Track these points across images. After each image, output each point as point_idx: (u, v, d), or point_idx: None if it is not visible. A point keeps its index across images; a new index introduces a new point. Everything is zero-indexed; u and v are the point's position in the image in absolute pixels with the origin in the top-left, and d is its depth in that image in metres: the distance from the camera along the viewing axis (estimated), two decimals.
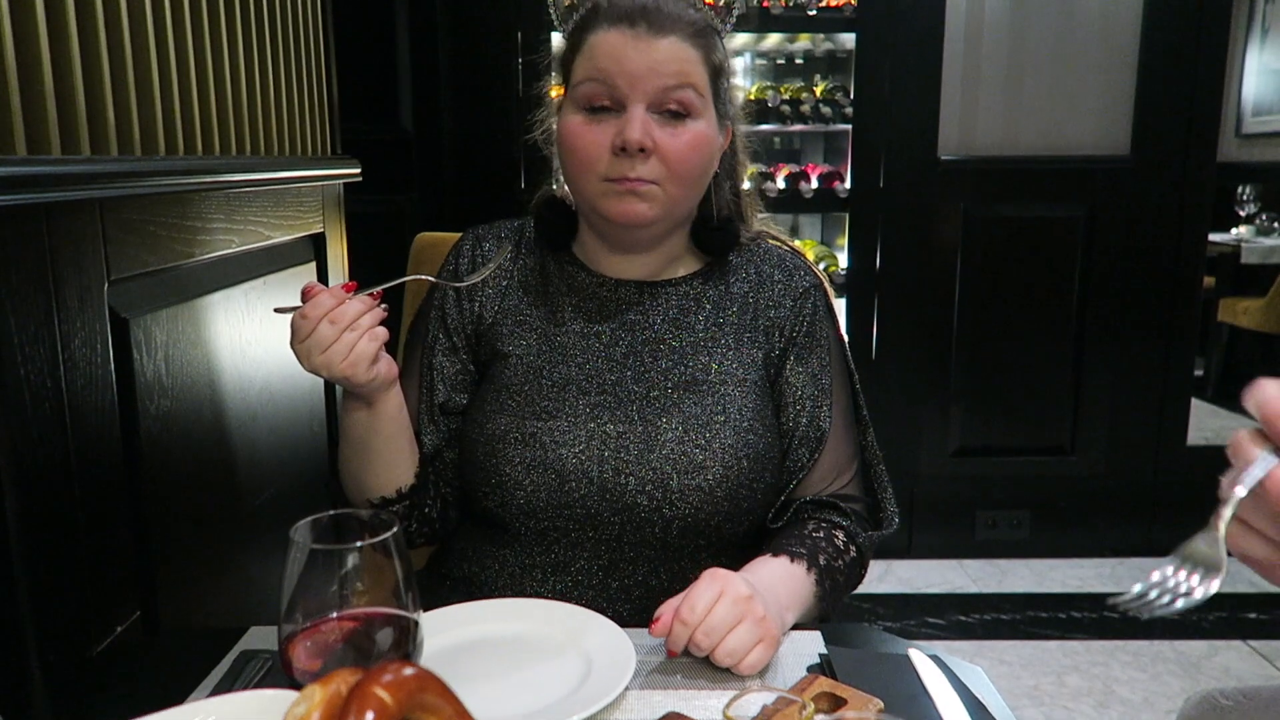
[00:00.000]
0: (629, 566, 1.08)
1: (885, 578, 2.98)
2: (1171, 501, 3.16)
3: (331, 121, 1.82)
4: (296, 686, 0.65)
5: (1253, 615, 2.75)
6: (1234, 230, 4.83)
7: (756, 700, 0.74)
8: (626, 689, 0.84)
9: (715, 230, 1.14)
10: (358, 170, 1.83)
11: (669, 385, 1.10)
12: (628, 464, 1.05)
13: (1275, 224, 4.79)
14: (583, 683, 0.85)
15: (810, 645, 0.94)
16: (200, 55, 1.31)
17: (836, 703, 0.79)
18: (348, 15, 2.19)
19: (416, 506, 1.10)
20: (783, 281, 1.17)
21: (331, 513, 0.72)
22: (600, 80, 1.01)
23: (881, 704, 0.79)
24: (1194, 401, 3.27)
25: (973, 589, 2.96)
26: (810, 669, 0.89)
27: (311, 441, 1.69)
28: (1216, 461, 0.63)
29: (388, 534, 0.68)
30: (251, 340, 1.43)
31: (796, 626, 0.99)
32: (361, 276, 2.08)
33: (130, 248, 1.09)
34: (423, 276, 1.06)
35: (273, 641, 0.92)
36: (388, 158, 2.97)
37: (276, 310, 0.96)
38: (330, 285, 0.94)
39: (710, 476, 1.05)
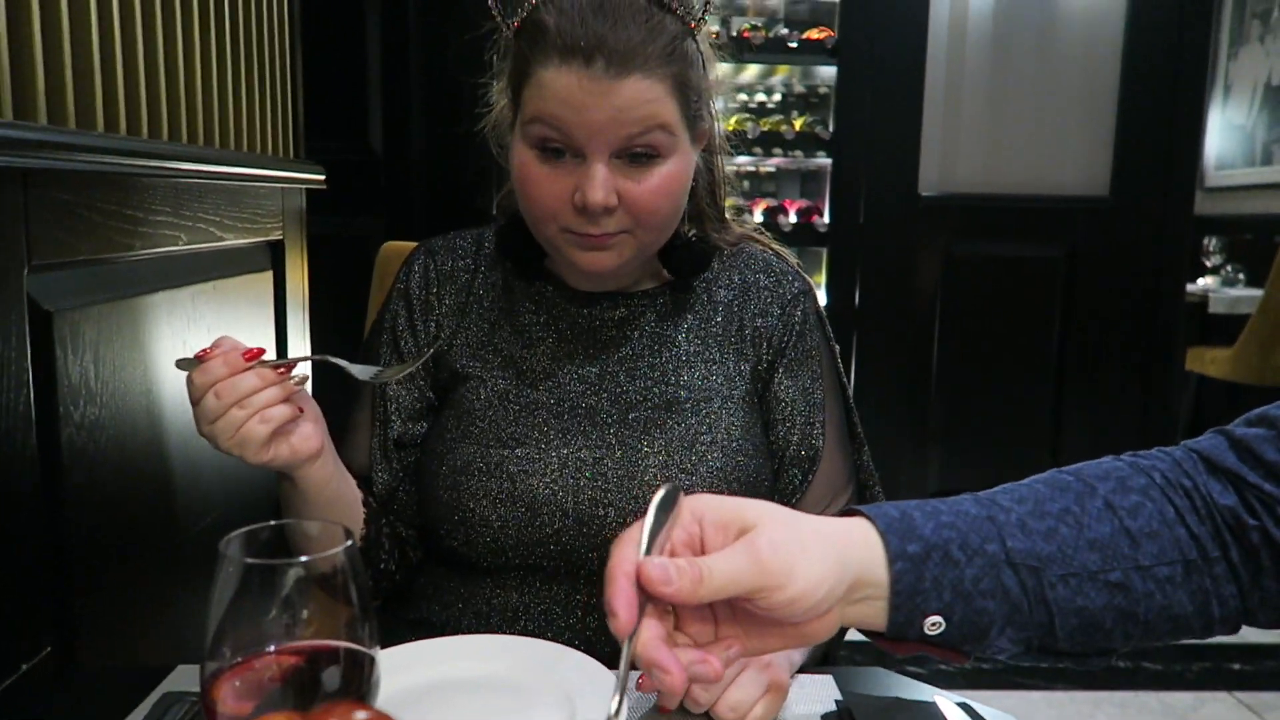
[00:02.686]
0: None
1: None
2: None
3: (295, 124, 1.71)
4: None
5: (1237, 666, 2.68)
6: (1201, 280, 4.86)
7: None
8: None
9: (680, 248, 1.02)
10: (322, 177, 1.72)
11: (649, 405, 0.99)
12: (606, 493, 0.95)
13: (1240, 275, 4.84)
14: None
15: (822, 690, 0.83)
16: (150, 31, 1.20)
17: None
18: (318, 31, 2.10)
19: (370, 565, 0.98)
20: (770, 288, 1.07)
21: (273, 523, 0.60)
22: (553, 127, 0.88)
23: None
24: None
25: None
26: (826, 717, 0.78)
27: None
28: None
29: (339, 548, 0.56)
30: (198, 349, 1.31)
31: (801, 669, 0.88)
32: (324, 298, 1.97)
33: (58, 231, 0.97)
34: (330, 358, 0.87)
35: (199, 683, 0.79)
36: (355, 178, 2.86)
37: (178, 364, 0.83)
38: (236, 345, 0.81)
39: None
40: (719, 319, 1.05)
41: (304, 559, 0.56)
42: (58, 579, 0.98)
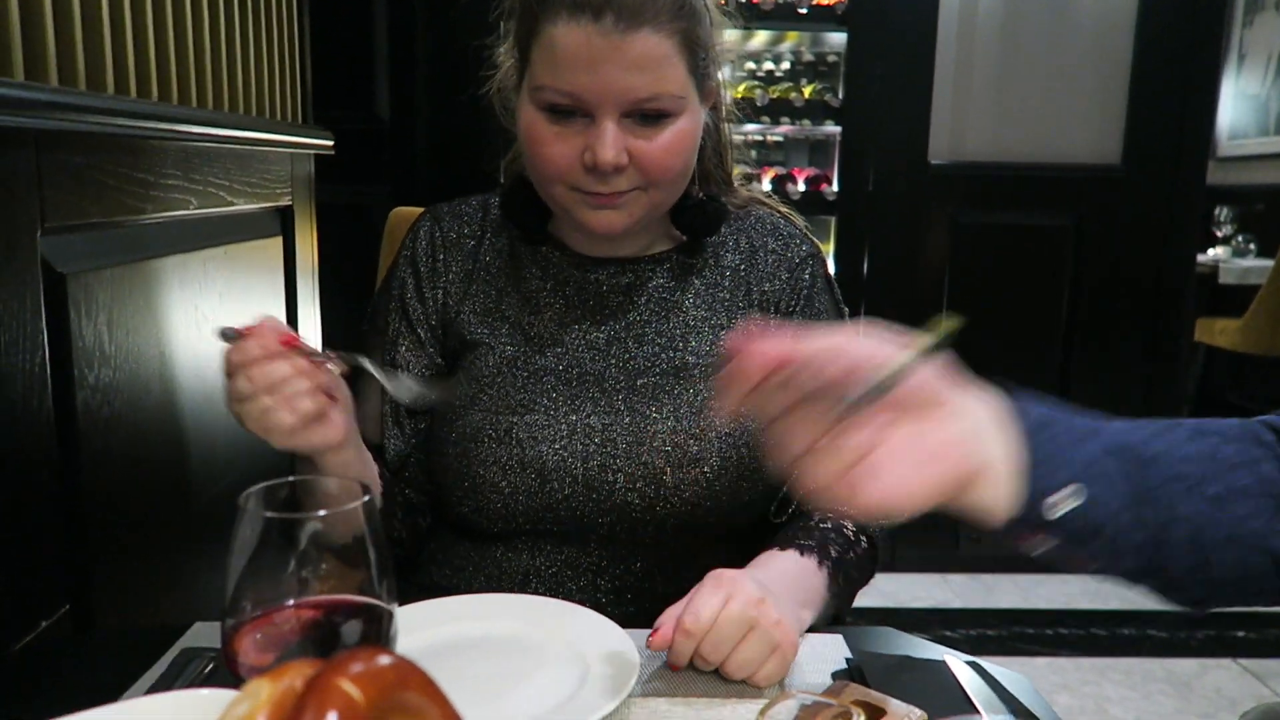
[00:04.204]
0: (620, 567, 0.98)
1: (867, 591, 2.87)
2: None
3: (303, 90, 1.70)
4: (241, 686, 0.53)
5: (1241, 634, 2.69)
6: (1211, 251, 4.83)
7: (788, 707, 0.64)
8: (629, 697, 0.73)
9: (693, 208, 1.01)
10: (330, 143, 1.71)
11: (657, 372, 0.99)
12: (615, 459, 0.95)
13: (1251, 245, 4.80)
14: (579, 689, 0.74)
15: (832, 650, 0.84)
16: None
17: (874, 713, 0.69)
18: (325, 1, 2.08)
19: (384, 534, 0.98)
20: (777, 251, 1.06)
21: (292, 479, 0.61)
22: (562, 92, 0.87)
23: (924, 714, 0.69)
24: None
25: (957, 604, 2.87)
26: (836, 675, 0.79)
27: None
28: None
29: (357, 502, 0.57)
30: (210, 314, 1.31)
31: (811, 628, 0.89)
32: (332, 266, 1.97)
33: (70, 194, 0.97)
34: (368, 364, 0.84)
35: (218, 639, 0.80)
36: (362, 147, 2.85)
37: (220, 333, 0.80)
38: (277, 328, 0.78)
39: (707, 469, 0.95)
40: (726, 284, 1.04)
41: (322, 513, 0.56)
42: (74, 539, 0.99)
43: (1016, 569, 3.07)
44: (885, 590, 2.89)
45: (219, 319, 1.33)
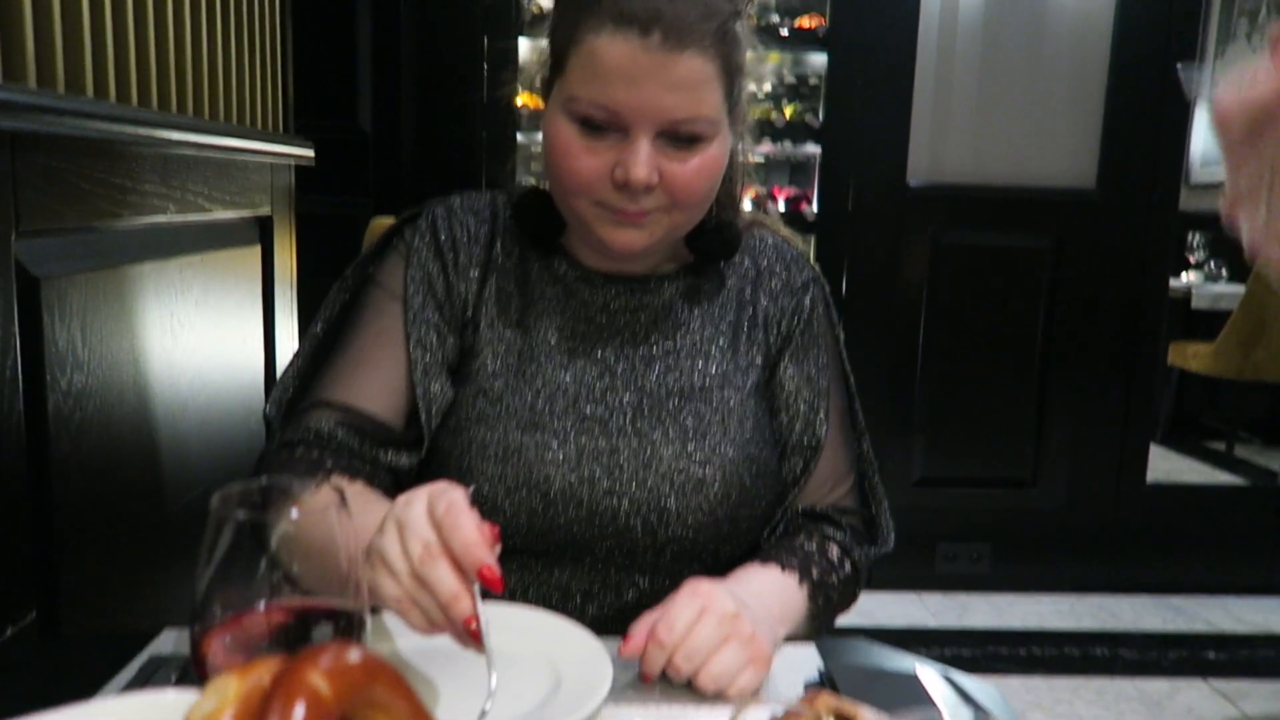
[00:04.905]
0: (611, 593, 0.96)
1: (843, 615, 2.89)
2: (1132, 539, 3.12)
3: (284, 99, 1.70)
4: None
5: (1212, 655, 2.71)
6: (1184, 276, 4.90)
7: (758, 715, 0.64)
8: (600, 706, 0.73)
9: (711, 232, 1.00)
10: (311, 153, 1.71)
11: (664, 393, 0.97)
12: (620, 483, 0.93)
13: (1223, 271, 4.88)
14: (551, 696, 0.73)
15: (805, 660, 0.84)
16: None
17: None
18: (309, 11, 2.08)
19: None
20: (781, 275, 1.06)
21: (264, 480, 0.60)
22: (599, 105, 0.85)
23: None
24: None
25: (932, 623, 2.88)
26: (809, 685, 0.79)
27: (249, 441, 1.55)
28: (1177, 500, 0.60)
29: (330, 504, 0.57)
30: (185, 322, 1.30)
31: (785, 639, 0.89)
32: (311, 278, 1.94)
33: (45, 198, 0.97)
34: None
35: (186, 647, 0.79)
36: (344, 158, 2.84)
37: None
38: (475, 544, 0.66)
39: (711, 495, 0.94)
40: (732, 305, 1.03)
41: (294, 514, 0.56)
42: (43, 544, 0.98)
43: (991, 589, 3.09)
44: (861, 609, 2.88)
45: (195, 326, 1.32)
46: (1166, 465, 4.11)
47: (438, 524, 0.67)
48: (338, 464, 0.89)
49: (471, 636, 0.65)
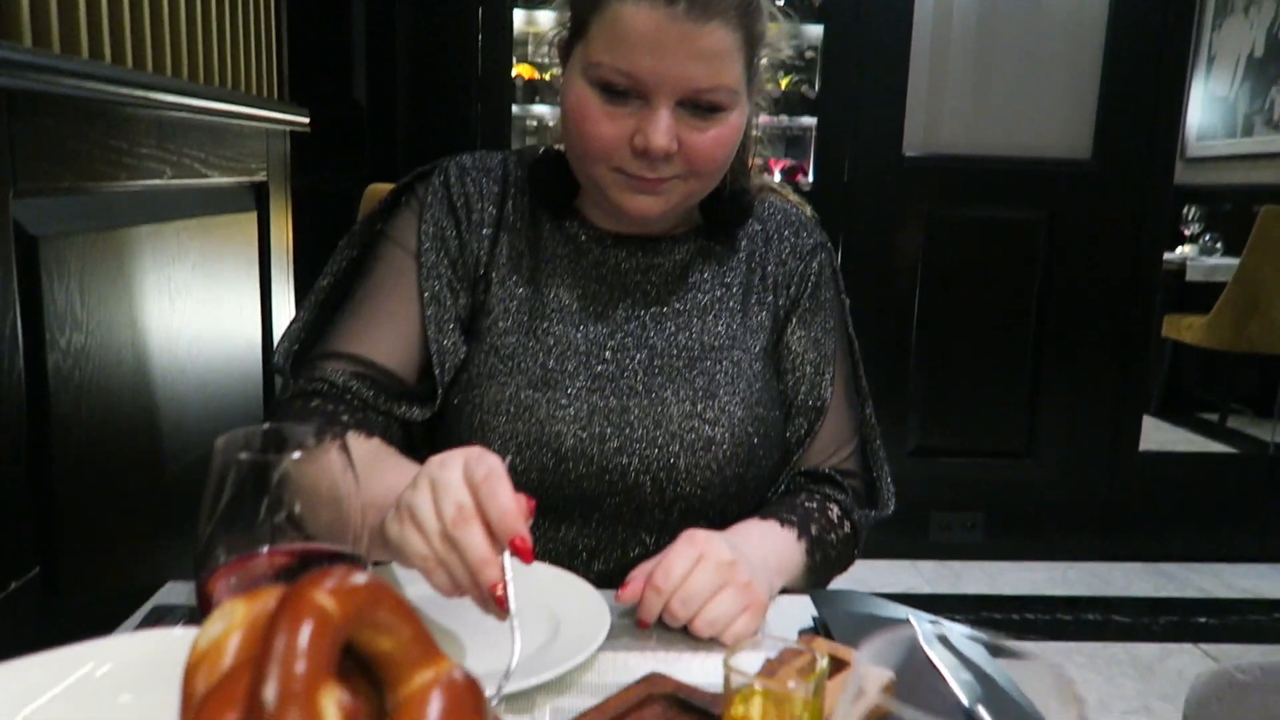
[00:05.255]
0: (618, 550, 0.97)
1: (839, 578, 2.92)
2: (1125, 507, 3.15)
3: (279, 66, 1.70)
4: None
5: (1203, 620, 2.74)
6: (1179, 249, 4.91)
7: (754, 655, 0.65)
8: (599, 651, 0.74)
9: (726, 200, 1.01)
10: (306, 119, 1.71)
11: (674, 352, 0.98)
12: (631, 442, 0.94)
13: (1218, 244, 4.89)
14: (550, 642, 0.75)
15: (799, 610, 0.85)
16: None
17: (839, 666, 0.70)
18: None
19: None
20: (790, 239, 1.06)
21: (266, 426, 0.61)
22: (622, 72, 0.85)
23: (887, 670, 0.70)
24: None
25: (926, 590, 2.91)
26: (803, 633, 0.80)
27: (245, 406, 1.56)
28: (1170, 469, 0.60)
29: (333, 446, 0.58)
30: (183, 287, 1.30)
31: (781, 591, 0.90)
32: (306, 251, 1.94)
33: (43, 158, 0.97)
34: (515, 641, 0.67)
35: (191, 598, 0.81)
36: (339, 133, 2.83)
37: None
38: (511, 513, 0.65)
39: (720, 454, 0.95)
40: (742, 268, 1.04)
41: (296, 455, 0.57)
42: (44, 502, 0.98)
43: (985, 557, 3.12)
44: (856, 576, 2.88)
45: (192, 292, 1.32)
46: (1160, 436, 4.14)
47: (474, 488, 0.66)
48: (353, 417, 0.89)
49: (498, 604, 0.66)
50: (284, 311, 1.72)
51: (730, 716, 0.59)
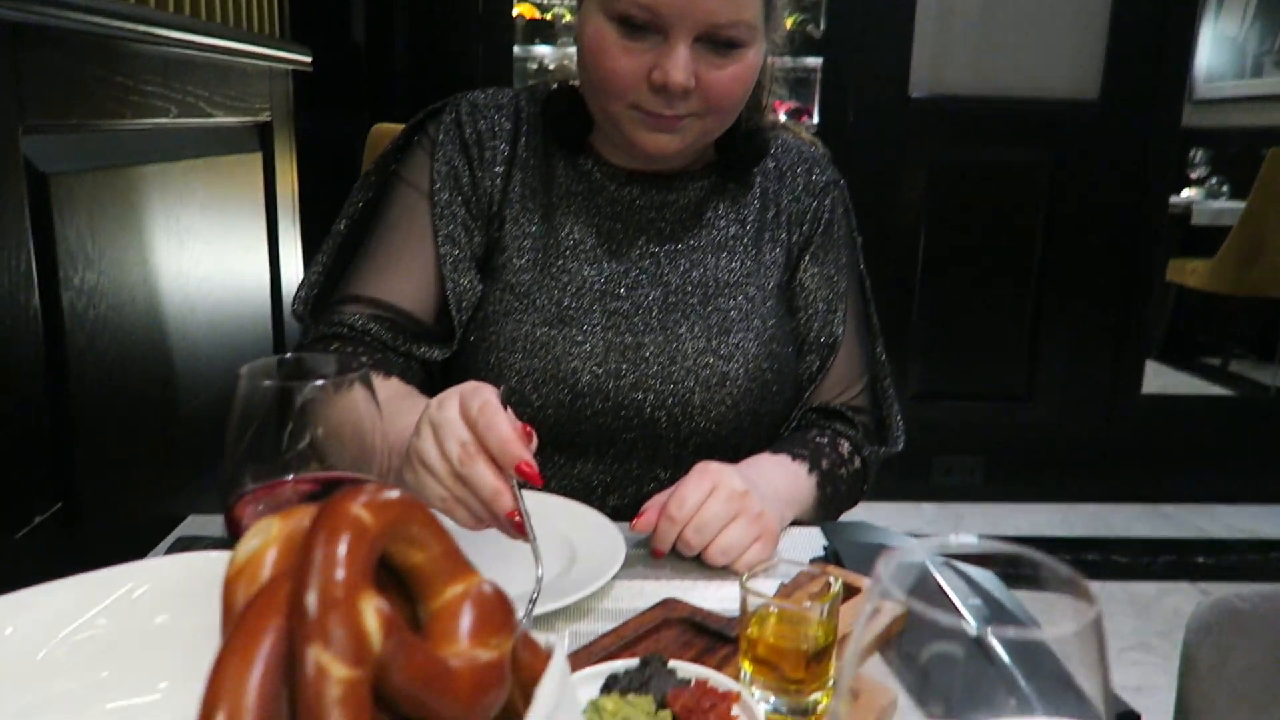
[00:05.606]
0: (633, 486, 0.98)
1: (845, 514, 2.96)
2: (1124, 449, 3.17)
3: (280, 4, 1.67)
4: None
5: (1200, 559, 2.78)
6: (1185, 192, 4.88)
7: (768, 584, 0.67)
8: (615, 579, 0.76)
9: (742, 140, 1.01)
10: (308, 59, 1.69)
11: (689, 288, 0.98)
12: (646, 378, 0.94)
13: (1225, 187, 4.85)
14: (567, 570, 0.76)
15: (810, 540, 0.87)
16: None
17: (851, 593, 0.72)
18: None
19: None
20: (803, 177, 1.06)
21: (289, 355, 0.62)
22: (642, 5, 0.84)
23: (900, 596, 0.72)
24: None
25: (929, 531, 2.95)
26: (814, 561, 0.82)
27: (255, 347, 1.56)
28: (1170, 412, 0.60)
29: (356, 375, 0.58)
30: (190, 227, 1.30)
31: (792, 523, 0.92)
32: (310, 199, 1.93)
33: (50, 96, 0.96)
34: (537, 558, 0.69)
35: (215, 530, 0.82)
36: (338, 76, 2.79)
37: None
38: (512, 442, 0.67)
39: (734, 389, 0.95)
40: (755, 205, 1.04)
41: (319, 382, 0.58)
42: (63, 436, 1.00)
43: (986, 500, 3.15)
44: (858, 517, 2.95)
45: (200, 232, 1.32)
46: (1161, 381, 4.15)
47: (472, 423, 0.68)
48: (371, 358, 0.90)
49: (516, 529, 0.67)
50: (291, 252, 1.72)
51: (747, 637, 0.61)
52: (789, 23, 3.13)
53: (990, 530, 2.97)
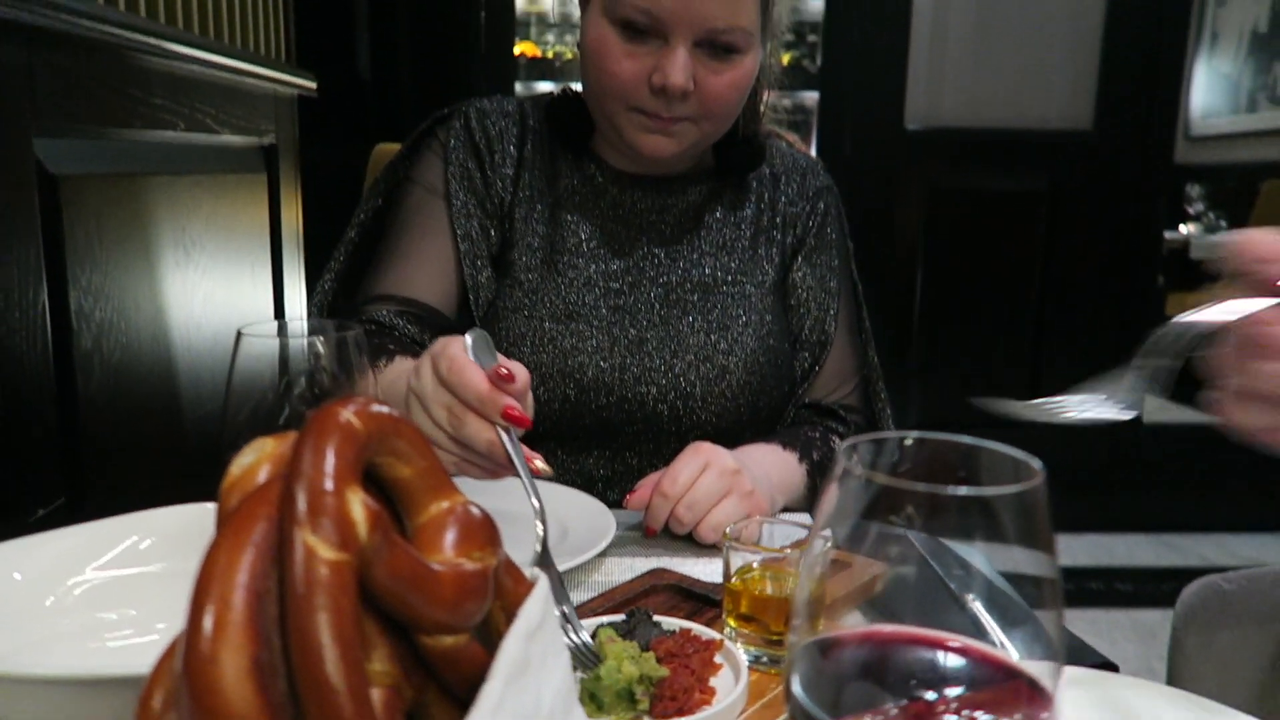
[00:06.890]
0: (634, 478, 0.97)
1: None
2: (1127, 479, 3.17)
3: (286, 31, 1.72)
4: None
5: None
6: (1182, 227, 4.92)
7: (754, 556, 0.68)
8: (605, 555, 0.77)
9: (739, 146, 1.05)
10: (313, 84, 1.74)
11: (688, 287, 1.02)
12: (650, 371, 0.98)
13: (1222, 222, 4.89)
14: (559, 543, 0.78)
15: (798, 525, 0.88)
16: None
17: (839, 566, 0.72)
18: None
19: None
20: (797, 180, 1.11)
21: (285, 319, 0.64)
22: (642, 9, 0.89)
23: (884, 565, 0.73)
24: None
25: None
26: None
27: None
28: (1170, 440, 0.62)
29: (348, 334, 0.60)
30: (196, 240, 1.33)
31: (782, 510, 0.93)
32: (312, 223, 1.96)
33: (63, 100, 1.00)
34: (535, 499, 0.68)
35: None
36: (343, 107, 2.85)
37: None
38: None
39: (733, 382, 0.99)
40: (751, 209, 1.08)
41: (319, 339, 0.60)
42: (69, 433, 1.02)
43: None
44: None
45: (205, 246, 1.35)
46: (1163, 410, 4.14)
47: (449, 385, 0.69)
48: (399, 347, 0.92)
49: (534, 472, 0.68)
50: (294, 272, 1.75)
51: (730, 590, 0.62)
52: (785, 59, 3.20)
53: (993, 561, 2.95)
